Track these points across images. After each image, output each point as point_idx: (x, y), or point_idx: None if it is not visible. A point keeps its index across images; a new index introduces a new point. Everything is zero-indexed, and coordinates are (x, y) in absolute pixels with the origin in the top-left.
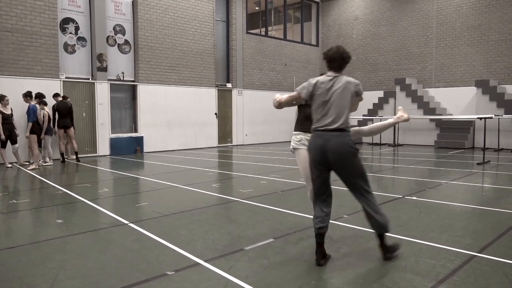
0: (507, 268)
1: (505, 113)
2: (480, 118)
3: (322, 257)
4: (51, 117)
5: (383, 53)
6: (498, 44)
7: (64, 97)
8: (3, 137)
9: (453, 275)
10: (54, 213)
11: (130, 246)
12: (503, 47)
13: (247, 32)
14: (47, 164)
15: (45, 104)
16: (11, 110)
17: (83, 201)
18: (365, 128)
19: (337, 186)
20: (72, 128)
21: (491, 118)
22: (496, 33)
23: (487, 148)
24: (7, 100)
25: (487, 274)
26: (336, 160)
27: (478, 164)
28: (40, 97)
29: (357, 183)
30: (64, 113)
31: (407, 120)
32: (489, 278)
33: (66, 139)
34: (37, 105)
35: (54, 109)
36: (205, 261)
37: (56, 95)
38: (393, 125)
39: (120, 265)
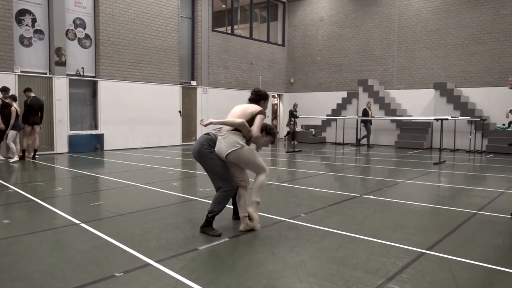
0: (453, 264)
1: (461, 115)
2: (437, 120)
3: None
4: (19, 113)
5: (347, 54)
6: (455, 48)
7: (29, 90)
8: (2, 126)
9: (402, 272)
10: (1, 213)
11: (79, 247)
12: (460, 51)
13: (212, 30)
14: (13, 160)
15: (15, 99)
16: None
17: (34, 201)
18: None
19: (296, 185)
20: (39, 125)
21: (447, 119)
22: (453, 37)
23: (444, 149)
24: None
25: (434, 270)
26: None
27: (434, 164)
28: (6, 91)
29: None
30: (36, 109)
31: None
32: (435, 275)
33: (31, 135)
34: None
35: (27, 104)
36: (156, 261)
37: (28, 90)
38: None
39: (66, 267)
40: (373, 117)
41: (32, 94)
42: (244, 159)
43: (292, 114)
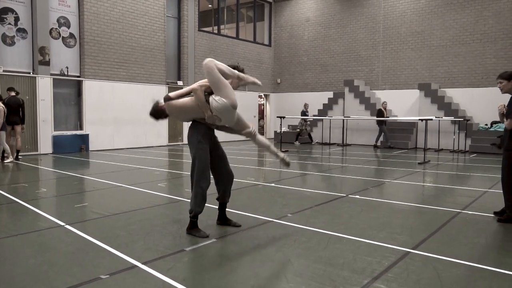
0: (437, 263)
1: (445, 115)
2: (422, 120)
3: None
4: (6, 113)
5: (333, 54)
6: (439, 50)
7: (11, 89)
8: None
9: (388, 271)
10: None
11: (64, 249)
12: (443, 52)
13: (199, 30)
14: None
15: (1, 98)
16: None
17: (18, 202)
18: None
19: (283, 185)
20: (20, 125)
21: (432, 120)
22: (437, 39)
23: (428, 149)
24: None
25: (419, 269)
26: None
27: (419, 163)
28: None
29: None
30: (14, 109)
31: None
32: (420, 274)
33: (12, 136)
34: None
35: (4, 103)
36: (142, 263)
37: (9, 89)
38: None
39: (50, 269)
40: (388, 117)
41: (12, 93)
42: (215, 85)
43: (304, 114)
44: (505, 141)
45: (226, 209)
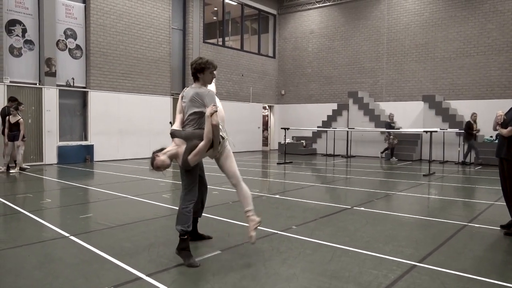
0: (444, 277)
1: (450, 127)
2: (426, 132)
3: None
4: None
5: (337, 66)
6: (443, 62)
7: (14, 100)
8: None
9: (394, 285)
10: None
11: (69, 261)
12: (447, 64)
13: (204, 42)
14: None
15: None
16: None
17: (22, 213)
18: None
19: (287, 197)
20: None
21: (436, 131)
22: (441, 51)
23: (433, 160)
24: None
25: (426, 283)
26: None
27: (424, 175)
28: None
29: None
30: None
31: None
32: (427, 287)
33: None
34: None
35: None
36: (147, 275)
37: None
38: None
39: (55, 281)
40: (478, 130)
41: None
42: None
43: (390, 126)
44: (504, 150)
45: (232, 221)
